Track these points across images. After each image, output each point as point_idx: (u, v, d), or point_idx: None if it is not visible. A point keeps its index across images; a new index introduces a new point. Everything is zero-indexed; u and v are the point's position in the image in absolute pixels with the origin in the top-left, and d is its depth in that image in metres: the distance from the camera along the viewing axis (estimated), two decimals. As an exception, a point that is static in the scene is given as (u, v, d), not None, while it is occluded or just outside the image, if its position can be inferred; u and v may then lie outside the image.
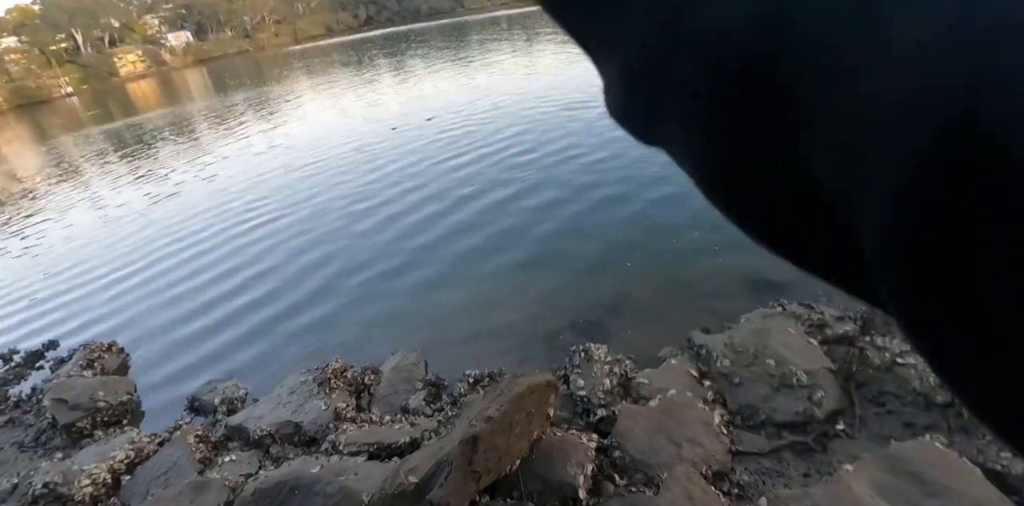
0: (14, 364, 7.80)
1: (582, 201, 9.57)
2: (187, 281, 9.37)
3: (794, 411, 4.20)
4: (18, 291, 10.53)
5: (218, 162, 18.08)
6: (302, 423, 5.25)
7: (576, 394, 4.73)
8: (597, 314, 6.51)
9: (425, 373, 5.94)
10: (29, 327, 8.89)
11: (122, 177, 18.85)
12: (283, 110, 26.95)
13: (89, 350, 7.28)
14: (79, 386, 6.34)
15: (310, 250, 9.64)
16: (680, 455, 3.76)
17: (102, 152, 25.05)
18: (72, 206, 16.25)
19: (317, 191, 12.87)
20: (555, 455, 3.81)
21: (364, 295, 7.80)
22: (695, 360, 5.10)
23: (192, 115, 31.38)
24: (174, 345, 7.56)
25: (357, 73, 37.37)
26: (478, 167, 12.24)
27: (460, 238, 8.95)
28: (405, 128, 17.24)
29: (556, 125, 14.85)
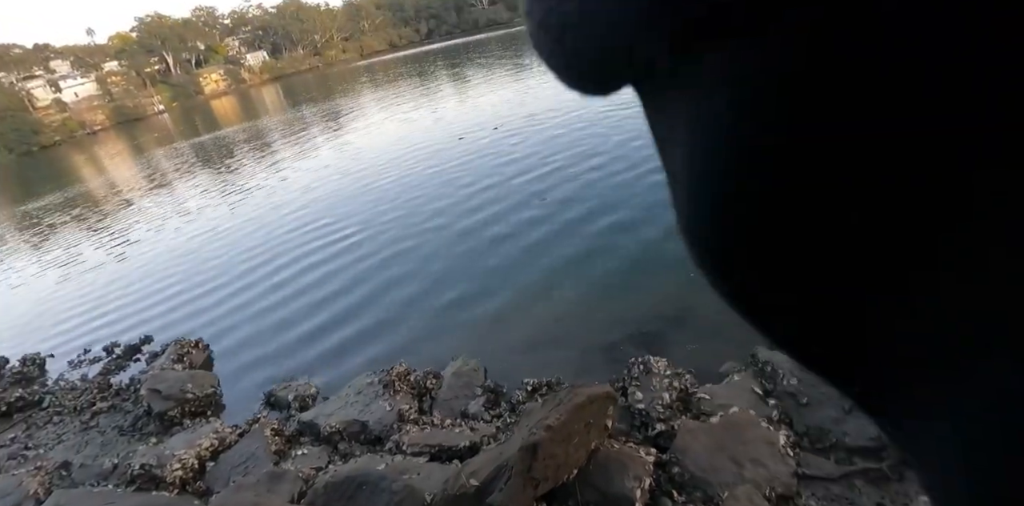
0: (115, 356, 8.66)
1: (648, 210, 9.45)
2: (265, 285, 10.05)
3: (868, 436, 3.99)
4: (119, 290, 11.66)
5: (293, 173, 19.24)
6: (368, 422, 5.52)
7: (634, 407, 4.71)
8: (657, 326, 6.44)
9: (484, 379, 6.09)
10: (128, 323, 9.83)
11: (207, 188, 20.45)
12: (351, 122, 28.34)
13: (179, 345, 7.96)
14: (171, 378, 6.96)
15: (380, 260, 10.08)
16: (742, 475, 3.67)
17: (190, 164, 27.29)
18: (164, 214, 17.81)
19: (388, 202, 13.40)
20: (612, 467, 3.83)
21: (428, 302, 8.08)
22: (759, 377, 4.95)
23: (268, 128, 33.59)
24: (253, 344, 8.13)
25: (420, 85, 38.72)
26: (545, 176, 12.28)
27: (526, 250, 9.05)
28: (473, 137, 17.63)
29: (618, 128, 14.82)
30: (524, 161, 13.66)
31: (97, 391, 7.53)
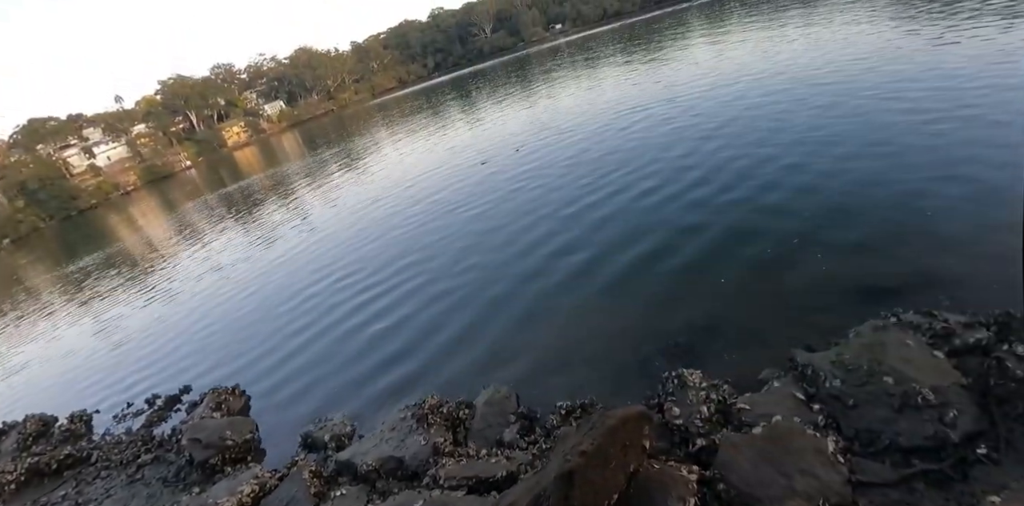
0: (157, 407, 8.86)
1: (670, 218, 9.42)
2: (295, 328, 10.23)
3: (923, 435, 3.76)
4: (158, 342, 12.01)
5: (316, 215, 19.78)
6: (404, 458, 5.47)
7: (672, 423, 4.55)
8: (690, 337, 6.27)
9: (517, 406, 5.99)
10: (167, 374, 10.09)
11: (234, 237, 21.13)
12: (368, 161, 29.10)
13: (217, 393, 8.10)
14: (210, 426, 7.05)
15: (404, 292, 10.19)
16: (792, 487, 3.48)
17: (218, 215, 28.32)
18: (196, 266, 18.41)
19: (410, 237, 13.60)
20: (654, 488, 3.69)
21: (457, 333, 8.08)
22: (800, 381, 4.73)
23: (289, 174, 34.74)
24: (288, 386, 8.23)
25: (433, 116, 39.73)
26: (574, 197, 12.26)
27: (549, 272, 9.02)
28: (495, 161, 17.91)
29: (632, 138, 14.91)
30: (549, 183, 13.66)
31: (141, 444, 7.68)
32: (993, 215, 6.51)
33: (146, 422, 8.47)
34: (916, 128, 9.78)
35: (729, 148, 11.90)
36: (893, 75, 13.30)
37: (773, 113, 13.42)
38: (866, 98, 12.23)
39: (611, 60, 38.72)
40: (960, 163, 7.99)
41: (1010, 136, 8.32)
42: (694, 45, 33.03)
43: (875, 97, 12.10)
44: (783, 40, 23.94)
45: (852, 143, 9.96)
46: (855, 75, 14.36)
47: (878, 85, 12.89)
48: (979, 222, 6.50)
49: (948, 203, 7.09)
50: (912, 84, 12.18)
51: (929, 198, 7.31)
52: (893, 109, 11.05)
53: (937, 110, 10.25)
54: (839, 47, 18.63)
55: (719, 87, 18.23)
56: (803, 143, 10.79)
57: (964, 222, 6.61)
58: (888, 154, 9.00)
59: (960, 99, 10.43)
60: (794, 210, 8.19)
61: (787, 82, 15.96)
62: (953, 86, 11.23)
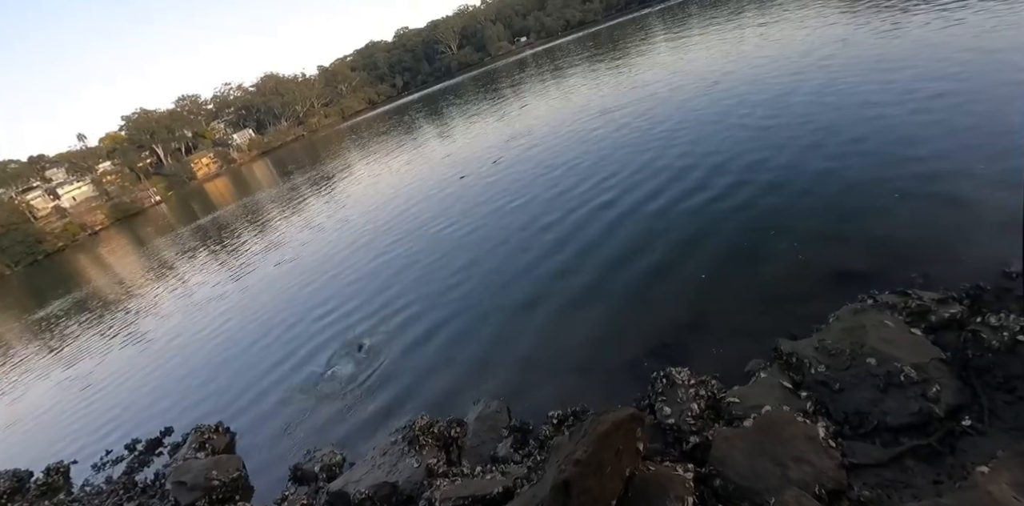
0: (138, 452, 8.51)
1: (646, 221, 9.49)
2: (275, 358, 9.97)
3: (909, 412, 3.78)
4: (134, 385, 11.60)
5: (290, 242, 19.48)
6: (397, 483, 5.32)
7: (664, 423, 4.50)
8: (675, 336, 6.27)
9: (509, 419, 5.90)
10: (146, 417, 9.72)
11: (208, 270, 20.69)
12: (342, 183, 28.89)
13: (200, 432, 7.82)
14: (195, 467, 6.79)
15: (385, 314, 10.03)
16: (787, 476, 3.45)
17: (191, 248, 27.74)
18: (168, 303, 17.94)
19: (390, 254, 13.48)
20: (652, 491, 3.62)
21: (441, 350, 7.96)
22: (786, 370, 4.75)
23: (262, 203, 34.29)
24: (273, 419, 7.98)
25: (406, 134, 39.70)
26: (549, 206, 12.34)
27: (531, 285, 8.97)
28: (473, 175, 17.90)
29: (609, 140, 15.07)
30: (526, 194, 13.67)
31: (123, 492, 7.36)
32: (955, 194, 6.70)
33: (127, 469, 8.12)
34: (873, 117, 10.07)
35: (696, 147, 12.10)
36: (849, 69, 13.73)
37: (736, 111, 13.71)
38: (825, 92, 12.58)
39: (576, 69, 39.35)
40: (919, 145, 8.23)
41: (970, 119, 8.61)
42: (656, 49, 33.76)
43: (833, 91, 12.46)
44: (739, 41, 24.61)
45: (813, 135, 10.20)
46: (810, 72, 14.79)
47: (834, 80, 13.28)
48: (942, 200, 6.68)
49: (912, 185, 7.27)
50: (866, 76, 12.58)
51: (894, 182, 7.49)
52: (850, 101, 11.38)
53: (888, 103, 10.58)
54: (792, 46, 19.21)
55: (681, 89, 18.61)
56: (765, 139, 11.02)
57: (928, 202, 6.78)
58: (849, 143, 9.23)
59: (913, 89, 10.79)
60: (766, 204, 8.32)
61: (741, 82, 16.35)
62: (905, 77, 11.63)
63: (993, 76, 9.70)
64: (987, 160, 7.14)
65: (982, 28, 12.71)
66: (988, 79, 9.66)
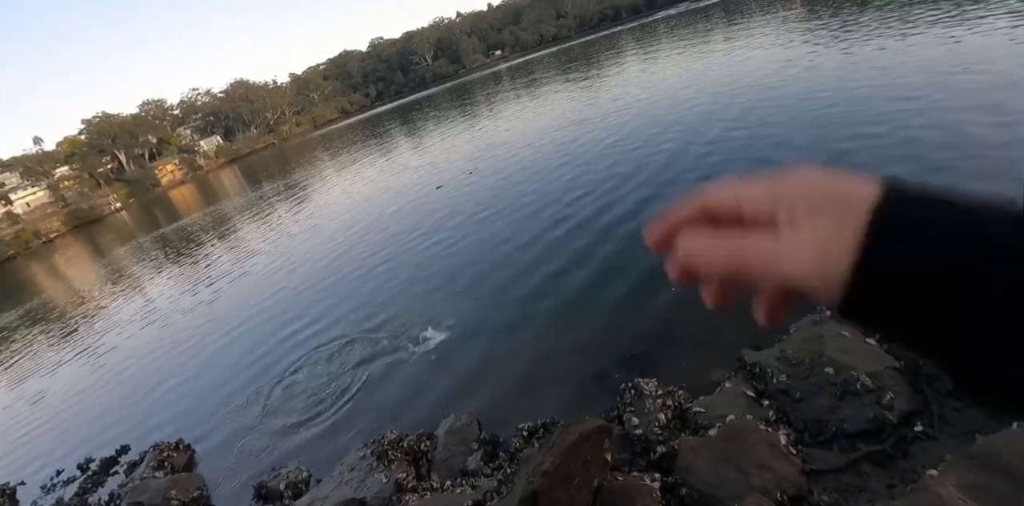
0: (91, 472, 8.11)
1: (613, 229, 9.69)
2: (238, 372, 9.68)
3: (865, 418, 3.94)
4: (88, 401, 11.08)
5: (258, 254, 19.05)
6: (366, 499, 5.22)
7: (632, 434, 4.57)
8: (644, 347, 6.38)
9: (480, 432, 5.87)
10: (101, 435, 9.27)
11: (170, 282, 20.04)
12: (314, 193, 28.47)
13: (159, 450, 7.52)
14: (152, 487, 6.52)
15: (349, 324, 9.89)
16: (750, 483, 3.55)
17: (153, 259, 26.83)
18: (126, 315, 17.25)
19: (363, 267, 13.29)
20: (620, 501, 3.67)
21: (409, 364, 7.87)
22: (750, 380, 4.89)
23: (229, 212, 33.48)
24: (235, 436, 7.72)
25: (380, 145, 39.43)
26: (528, 218, 12.40)
27: (499, 292, 9.01)
28: (449, 186, 17.90)
29: (587, 153, 15.32)
30: (503, 204, 13.72)
31: (74, 514, 6.99)
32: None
33: (79, 489, 7.72)
34: (831, 133, 10.55)
35: (671, 160, 12.43)
36: (817, 84, 14.37)
37: (714, 125, 14.15)
38: (803, 105, 13.12)
39: (550, 83, 39.98)
40: (891, 151, 8.65)
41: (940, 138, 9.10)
42: (626, 65, 34.63)
43: (810, 103, 13.01)
44: (705, 59, 25.48)
45: (767, 148, 10.62)
46: (791, 84, 15.42)
47: (810, 91, 13.87)
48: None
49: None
50: (839, 92, 13.19)
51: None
52: (820, 115, 11.90)
53: (855, 116, 11.11)
54: (752, 64, 20.00)
55: (654, 102, 19.12)
56: (730, 148, 11.41)
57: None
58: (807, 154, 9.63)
59: (874, 103, 11.36)
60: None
61: (715, 95, 16.93)
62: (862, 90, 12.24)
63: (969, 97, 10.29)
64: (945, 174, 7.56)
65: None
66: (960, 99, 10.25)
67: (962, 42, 13.65)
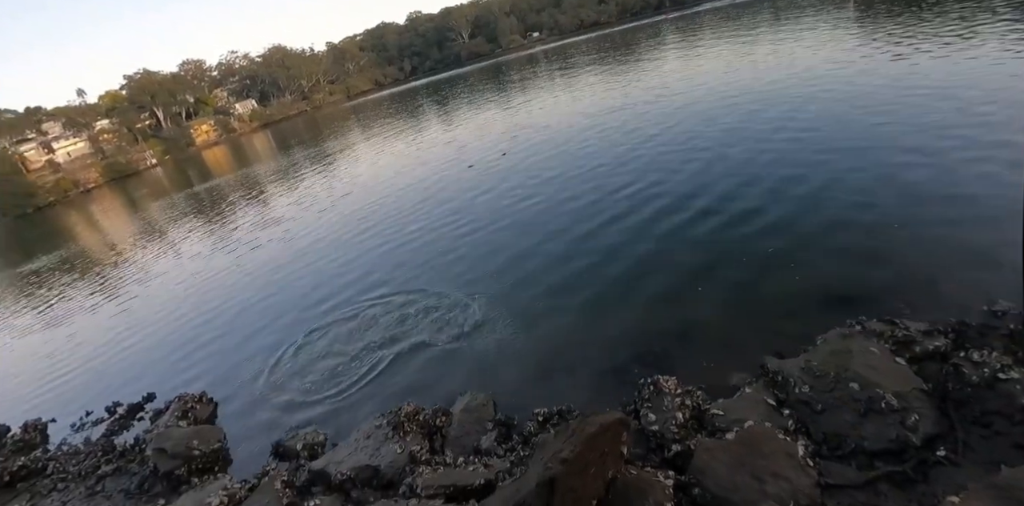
0: (118, 416, 8.52)
1: (650, 225, 9.62)
2: (265, 335, 9.97)
3: (887, 438, 3.92)
4: (119, 348, 11.56)
5: (289, 218, 19.38)
6: (380, 466, 5.40)
7: (648, 429, 4.62)
8: (664, 344, 6.39)
9: (495, 413, 5.99)
10: (130, 381, 9.71)
11: (202, 238, 20.56)
12: (345, 163, 28.71)
13: (183, 401, 7.84)
14: (176, 436, 6.82)
15: (380, 298, 10.07)
16: (764, 490, 3.58)
17: (184, 215, 27.50)
18: (161, 268, 17.83)
19: (387, 241, 13.49)
20: (632, 495, 3.73)
21: (433, 338, 8.01)
22: (771, 387, 4.88)
23: (260, 176, 34.01)
24: (259, 394, 8.01)
25: (412, 120, 39.48)
26: (562, 207, 12.33)
27: (524, 280, 9.06)
28: (480, 166, 17.90)
29: (613, 146, 15.14)
30: (532, 190, 13.68)
31: (101, 454, 7.37)
32: (953, 230, 6.86)
33: (106, 431, 8.12)
34: (888, 148, 10.21)
35: (705, 163, 12.19)
36: (867, 90, 13.86)
37: (751, 126, 13.81)
38: (845, 113, 12.71)
39: (587, 69, 39.26)
40: (931, 182, 8.38)
41: (971, 156, 8.77)
42: (666, 56, 33.77)
43: (857, 114, 12.59)
44: (749, 57, 24.69)
45: (828, 162, 10.34)
46: (825, 91, 14.91)
47: (862, 101, 13.41)
48: (939, 235, 6.83)
49: (913, 218, 7.42)
50: (881, 99, 12.72)
51: (897, 214, 7.63)
52: (867, 125, 11.52)
53: (907, 126, 10.73)
54: (799, 65, 19.31)
55: (695, 96, 18.68)
56: (784, 161, 11.14)
57: (926, 235, 6.93)
58: (861, 174, 9.36)
59: (925, 115, 10.95)
60: (769, 224, 8.43)
61: (752, 100, 16.46)
62: (910, 105, 11.78)
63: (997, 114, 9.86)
64: (989, 198, 7.30)
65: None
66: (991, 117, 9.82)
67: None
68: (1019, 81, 11.45)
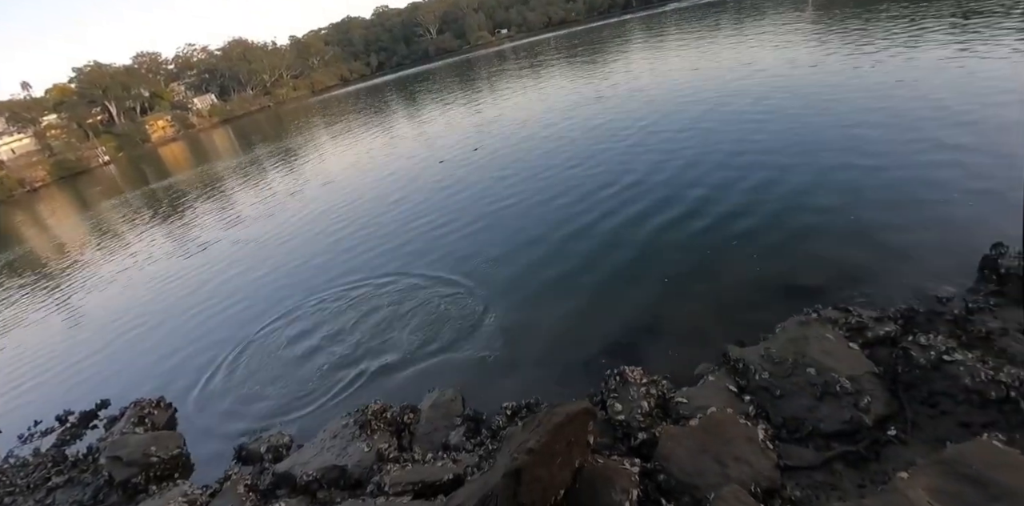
0: (70, 425, 8.12)
1: (615, 217, 9.74)
2: (224, 335, 9.66)
3: (841, 420, 4.07)
4: (68, 354, 11.00)
5: (249, 217, 18.82)
6: (347, 466, 5.30)
7: (615, 419, 4.67)
8: (631, 336, 6.47)
9: (463, 408, 5.96)
10: (82, 388, 9.26)
11: (157, 239, 19.77)
12: (310, 159, 28.04)
13: (139, 407, 7.53)
14: (132, 443, 6.55)
15: (342, 294, 9.88)
16: (726, 474, 3.66)
17: (139, 214, 26.38)
18: (111, 269, 17.04)
19: (355, 232, 13.24)
20: (599, 483, 3.76)
21: (397, 334, 7.92)
22: (733, 375, 5.00)
23: (219, 173, 32.90)
24: (219, 397, 7.76)
25: (380, 115, 38.82)
26: (533, 200, 12.37)
27: (491, 272, 9.06)
28: (452, 161, 17.76)
29: (582, 141, 15.25)
30: (510, 186, 13.59)
31: (52, 465, 7.02)
32: (905, 222, 7.16)
33: (57, 441, 7.74)
34: (841, 144, 10.58)
35: (669, 156, 12.40)
36: (824, 90, 14.31)
37: (705, 125, 14.10)
38: (798, 111, 13.09)
39: (556, 65, 39.39)
40: (880, 177, 8.72)
41: (927, 151, 9.16)
42: (632, 53, 34.18)
43: (808, 111, 12.98)
44: (711, 56, 25.22)
45: (784, 156, 10.64)
46: (780, 89, 15.35)
47: (811, 99, 13.83)
48: (893, 227, 7.12)
49: (868, 212, 7.71)
50: (840, 100, 13.17)
51: (853, 207, 7.91)
52: (822, 121, 11.90)
53: (860, 122, 11.13)
54: (758, 65, 19.85)
55: (656, 92, 18.97)
56: (742, 154, 11.41)
57: (880, 227, 7.21)
58: (815, 166, 9.68)
59: (879, 114, 11.38)
60: (731, 216, 8.63)
61: (709, 98, 16.82)
62: (863, 104, 12.24)
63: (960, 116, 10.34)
64: (935, 191, 7.65)
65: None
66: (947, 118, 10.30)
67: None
68: (961, 76, 12.03)
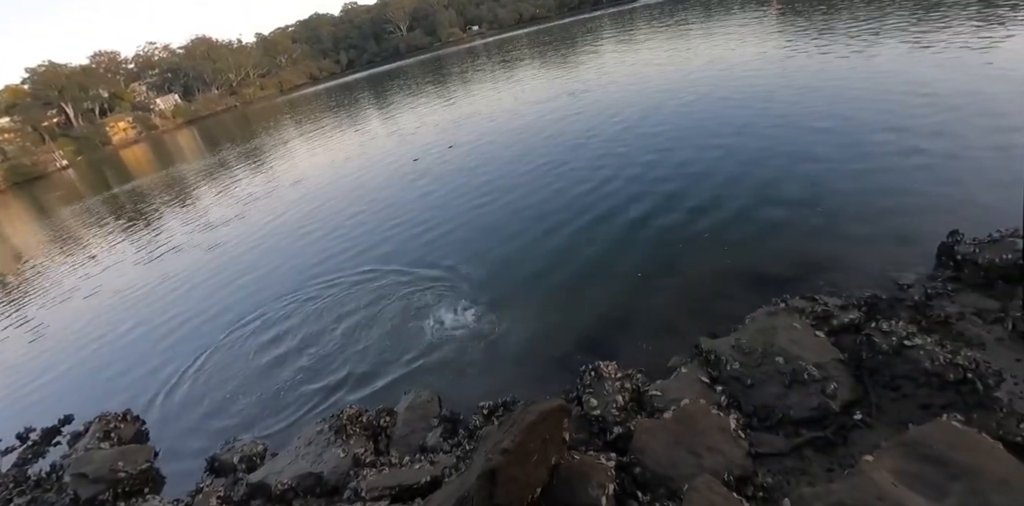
0: (31, 442, 7.80)
1: (588, 213, 9.77)
2: (191, 345, 9.38)
3: (809, 407, 4.16)
4: (27, 369, 10.56)
5: (216, 221, 18.33)
6: (322, 473, 5.21)
7: (590, 414, 4.68)
8: (605, 331, 6.51)
9: (440, 409, 5.92)
10: (43, 404, 8.90)
11: (119, 247, 19.08)
12: (279, 160, 27.44)
13: (105, 421, 7.27)
14: (98, 459, 6.33)
15: (312, 297, 9.71)
16: (700, 464, 3.71)
17: (100, 222, 25.45)
18: (70, 281, 16.40)
19: (326, 237, 13.00)
20: (575, 479, 3.77)
21: (369, 337, 7.82)
22: (705, 366, 5.07)
23: (185, 176, 31.97)
24: (189, 408, 7.55)
25: (351, 114, 38.20)
26: (508, 196, 12.33)
27: (462, 272, 9.00)
28: (426, 159, 17.58)
29: (554, 138, 15.27)
30: (485, 183, 13.49)
31: (13, 485, 6.73)
32: (863, 211, 7.36)
33: (18, 460, 7.42)
34: (798, 135, 10.81)
35: (641, 151, 12.51)
36: (780, 86, 14.60)
37: (683, 121, 14.26)
38: (765, 106, 13.34)
39: (528, 62, 39.37)
40: (844, 168, 8.94)
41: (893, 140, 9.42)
42: (603, 49, 34.37)
43: (774, 106, 13.24)
44: (680, 53, 25.53)
45: (752, 151, 10.84)
46: (750, 86, 15.62)
47: (777, 94, 14.10)
48: (854, 217, 7.31)
49: (831, 202, 7.90)
50: (805, 94, 13.46)
51: (820, 200, 8.09)
52: (787, 115, 12.14)
53: (823, 115, 11.39)
54: (729, 60, 20.17)
55: (629, 87, 19.12)
56: (712, 150, 11.58)
57: (843, 218, 7.40)
58: (782, 160, 9.87)
59: (837, 107, 11.67)
60: (702, 210, 8.74)
61: (677, 94, 17.03)
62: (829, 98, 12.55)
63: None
64: (897, 181, 7.88)
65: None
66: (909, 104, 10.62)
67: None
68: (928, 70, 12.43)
